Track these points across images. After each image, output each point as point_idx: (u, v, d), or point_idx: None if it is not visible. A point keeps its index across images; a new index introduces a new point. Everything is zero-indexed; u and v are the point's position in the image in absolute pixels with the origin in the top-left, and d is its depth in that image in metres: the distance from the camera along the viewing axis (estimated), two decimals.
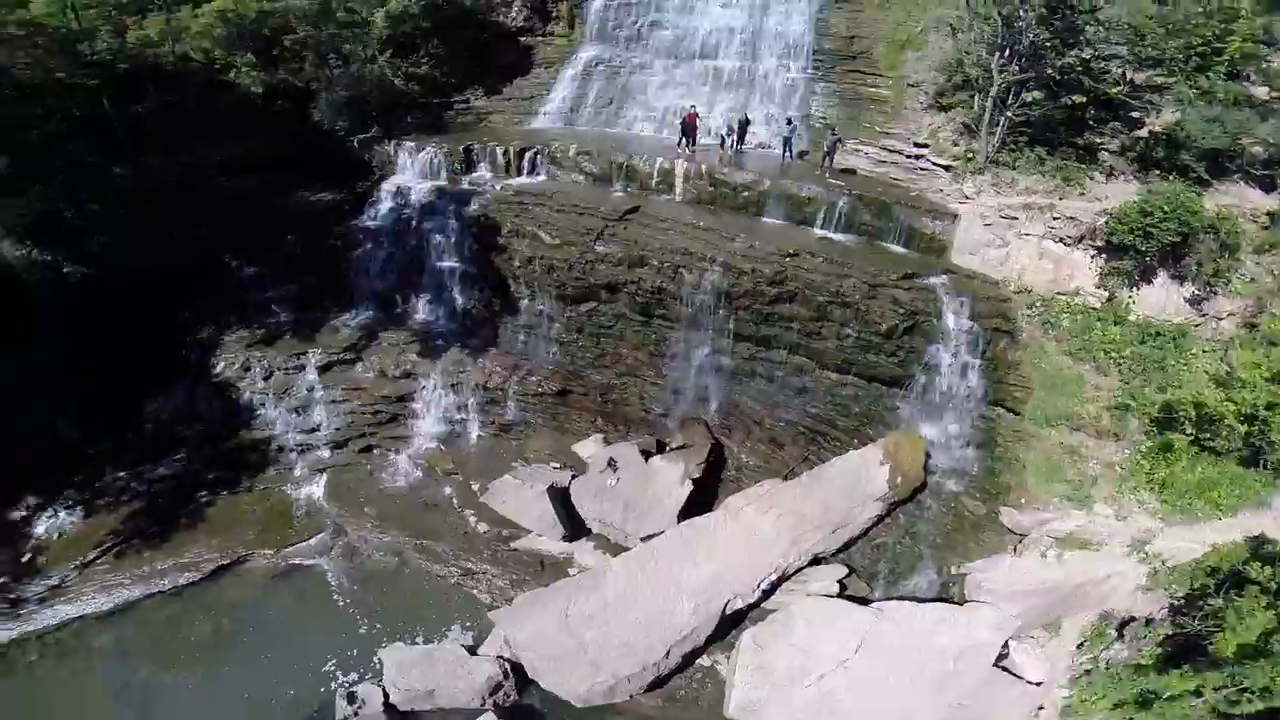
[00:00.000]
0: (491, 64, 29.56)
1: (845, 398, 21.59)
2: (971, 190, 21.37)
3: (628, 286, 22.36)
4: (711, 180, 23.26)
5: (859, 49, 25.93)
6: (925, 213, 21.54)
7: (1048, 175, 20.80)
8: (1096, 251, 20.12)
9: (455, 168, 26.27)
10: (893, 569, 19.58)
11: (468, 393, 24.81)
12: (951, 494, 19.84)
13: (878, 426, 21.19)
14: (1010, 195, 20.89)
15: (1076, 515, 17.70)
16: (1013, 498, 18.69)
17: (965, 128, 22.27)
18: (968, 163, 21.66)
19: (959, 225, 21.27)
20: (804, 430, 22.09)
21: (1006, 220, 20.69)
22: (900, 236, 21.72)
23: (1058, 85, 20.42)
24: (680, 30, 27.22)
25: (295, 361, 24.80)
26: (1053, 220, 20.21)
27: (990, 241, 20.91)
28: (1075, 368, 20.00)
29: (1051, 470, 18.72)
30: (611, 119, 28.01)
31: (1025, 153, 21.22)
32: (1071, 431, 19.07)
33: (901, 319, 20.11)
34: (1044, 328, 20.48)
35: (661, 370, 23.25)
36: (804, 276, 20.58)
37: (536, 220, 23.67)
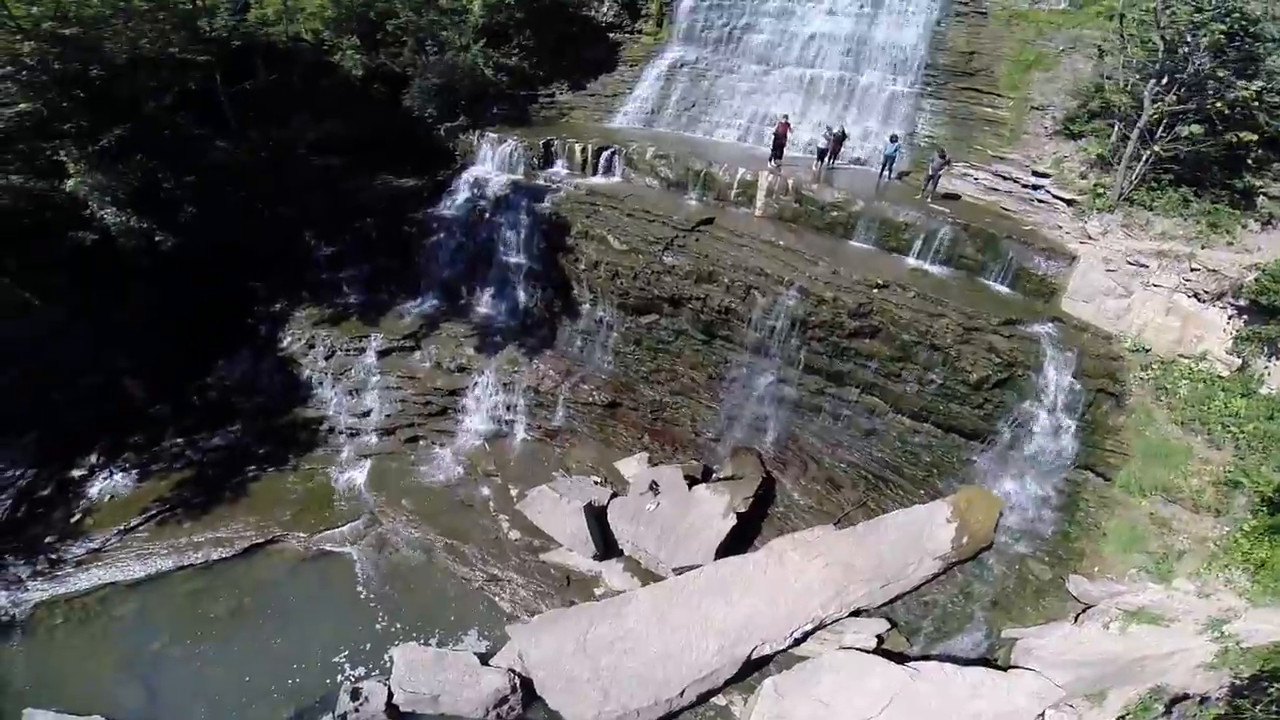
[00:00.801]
0: (578, 59, 28.93)
1: (916, 445, 19.43)
2: (1096, 230, 18.70)
3: (693, 302, 21.00)
4: (797, 196, 21.56)
5: (978, 65, 23.46)
6: (1039, 251, 19.04)
7: (1190, 219, 17.90)
8: (1236, 312, 17.09)
9: (533, 162, 25.71)
10: (939, 627, 17.91)
11: (518, 394, 24.16)
12: (1018, 556, 17.85)
13: (948, 479, 18.98)
14: (1142, 239, 18.12)
15: (1153, 589, 16.01)
16: (1085, 565, 16.88)
17: (1098, 159, 19.53)
18: (1096, 198, 18.98)
19: (1076, 268, 18.67)
20: (866, 474, 20.07)
21: (1134, 267, 17.94)
22: (1005, 275, 19.31)
23: (1223, 120, 17.42)
24: (776, 35, 25.57)
25: (357, 344, 24.94)
26: (1190, 271, 17.33)
27: (1110, 290, 18.19)
28: (1184, 438, 17.38)
29: (1134, 540, 16.73)
30: (693, 123, 26.76)
31: (1167, 192, 18.35)
32: (1166, 503, 16.84)
33: (996, 370, 17.81)
34: (1156, 393, 17.72)
35: (719, 394, 21.75)
36: (891, 312, 18.57)
37: (606, 224, 22.68)
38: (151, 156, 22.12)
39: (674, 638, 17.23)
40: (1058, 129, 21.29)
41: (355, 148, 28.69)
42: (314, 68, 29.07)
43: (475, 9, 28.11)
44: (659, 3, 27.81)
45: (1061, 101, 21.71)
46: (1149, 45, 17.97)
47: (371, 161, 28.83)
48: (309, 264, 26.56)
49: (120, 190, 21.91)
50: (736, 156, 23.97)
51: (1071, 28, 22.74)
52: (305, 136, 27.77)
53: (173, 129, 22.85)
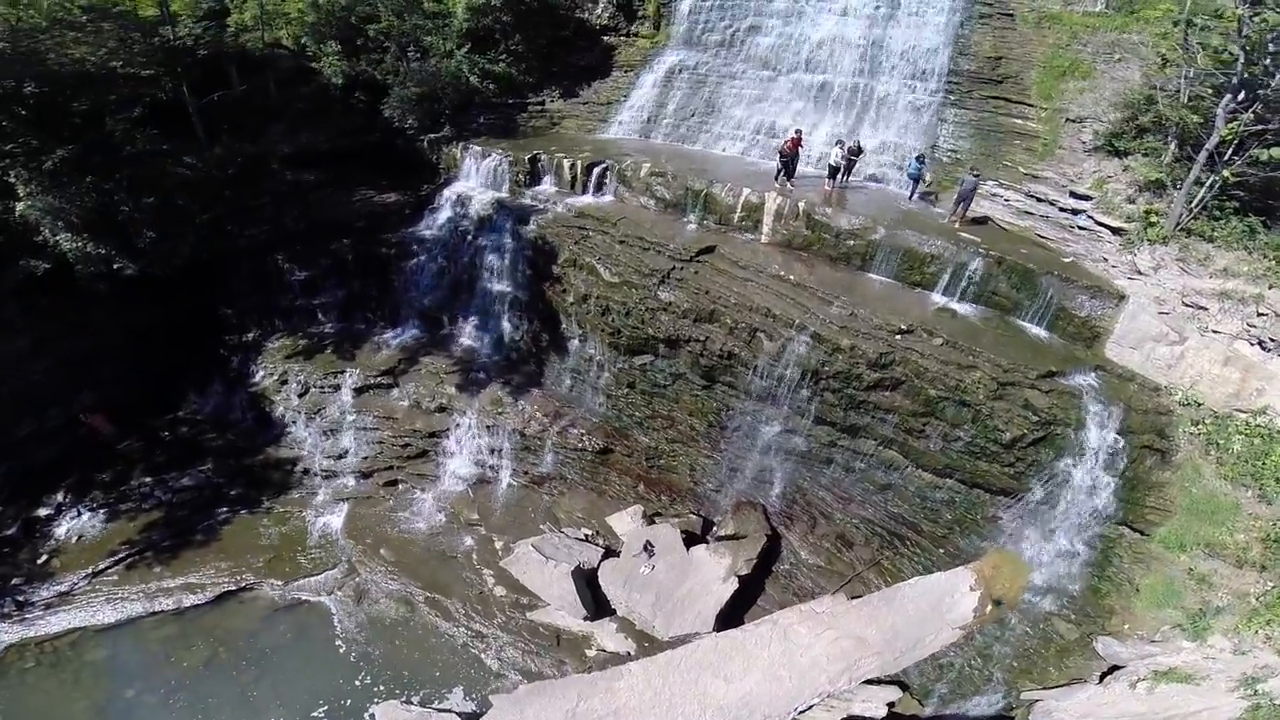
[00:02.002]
0: (570, 64, 26.64)
1: (937, 501, 17.28)
2: (1147, 264, 16.34)
3: (691, 344, 18.82)
4: (808, 222, 19.22)
5: (1005, 72, 20.93)
6: (1081, 289, 16.64)
7: (1258, 254, 15.47)
8: None
9: (519, 178, 23.52)
10: (954, 690, 16.52)
11: (503, 437, 22.18)
12: (1043, 614, 16.12)
13: (970, 537, 16.91)
14: (1201, 276, 15.75)
15: (1185, 648, 14.57)
16: (1114, 623, 15.37)
17: (1149, 183, 17.07)
18: (1148, 228, 16.57)
19: (1123, 310, 16.32)
20: (880, 531, 17.96)
21: (1190, 309, 15.59)
22: (1043, 316, 16.97)
23: None
24: (783, 38, 23.08)
25: (332, 380, 23.28)
26: (1256, 316, 14.96)
27: (1162, 335, 15.86)
28: (1233, 494, 15.53)
29: (1169, 596, 15.16)
30: (692, 134, 24.38)
31: (1231, 221, 15.89)
32: (1207, 558, 15.19)
33: (1032, 429, 15.61)
34: (1206, 448, 15.60)
35: (719, 443, 19.61)
36: (915, 363, 16.35)
37: (597, 251, 20.48)
38: (107, 176, 20.17)
39: (668, 717, 15.41)
40: (1099, 145, 18.77)
41: (333, 161, 26.75)
42: (292, 76, 27.10)
43: (459, 13, 25.87)
44: (656, 3, 25.42)
45: (1102, 113, 19.19)
46: (1224, 56, 15.45)
47: (350, 175, 26.85)
48: (282, 288, 24.67)
49: (74, 214, 20.14)
50: (740, 173, 21.66)
51: (1109, 31, 20.19)
52: (280, 149, 25.80)
53: (133, 145, 20.80)
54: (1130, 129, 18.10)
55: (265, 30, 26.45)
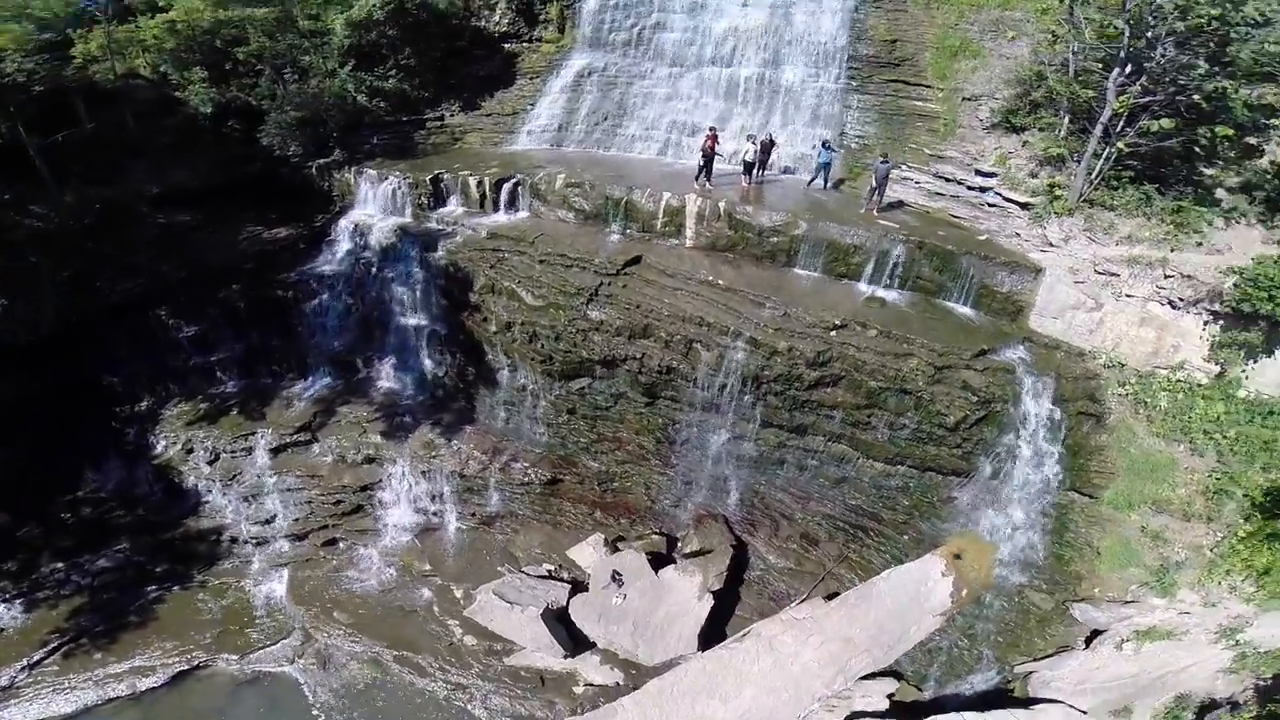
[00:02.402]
0: (469, 75, 25.00)
1: (892, 489, 17.26)
2: (1057, 236, 16.75)
3: (629, 363, 17.96)
4: (730, 222, 18.70)
5: (902, 55, 21.16)
6: (1000, 266, 16.94)
7: (1155, 219, 16.12)
8: (1212, 317, 15.53)
9: (421, 201, 21.85)
10: (947, 671, 16.57)
11: (442, 480, 20.66)
12: (1016, 587, 16.37)
13: (930, 520, 17.01)
14: (1107, 244, 16.27)
15: (1157, 606, 15.21)
16: (1084, 587, 15.74)
17: (1045, 156, 17.50)
18: (1053, 201, 16.96)
19: (1041, 283, 16.70)
20: (843, 525, 17.80)
21: (1103, 277, 16.09)
22: (967, 295, 17.18)
23: (1194, 112, 15.55)
24: (689, 33, 22.47)
25: (243, 443, 21.03)
26: (1164, 278, 15.60)
27: (1080, 303, 16.32)
28: (1167, 450, 16.30)
29: (1129, 555, 15.69)
30: (606, 139, 23.43)
31: (1128, 190, 16.48)
32: (1155, 514, 15.80)
33: (973, 409, 15.75)
34: (1135, 408, 16.25)
35: (670, 458, 18.91)
36: (853, 357, 16.16)
37: (515, 274, 19.24)
38: None
39: None
40: (996, 122, 19.22)
41: (210, 198, 23.98)
42: (153, 107, 24.11)
43: (338, 29, 23.80)
44: (559, 6, 24.20)
45: (995, 90, 19.67)
46: (1109, 30, 15.88)
47: (232, 213, 24.18)
48: (170, 347, 21.95)
49: None
50: (659, 176, 20.93)
51: (993, 9, 20.73)
52: (146, 190, 22.93)
53: None
54: (1024, 105, 18.57)
55: (117, 60, 23.46)
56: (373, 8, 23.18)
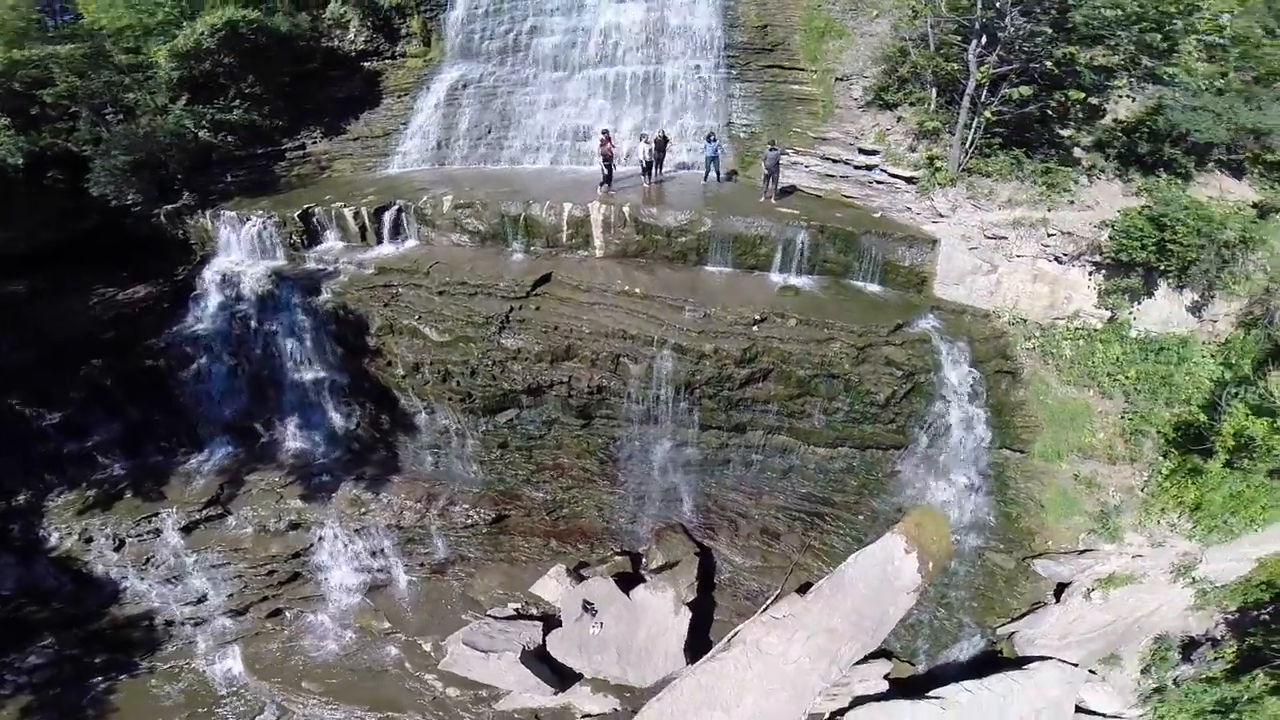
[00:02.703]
0: (328, 98, 22.71)
1: (838, 471, 17.44)
2: (945, 206, 17.39)
3: (555, 388, 16.95)
4: (637, 226, 17.99)
5: (774, 40, 21.25)
6: (898, 241, 17.36)
7: (1029, 181, 17.07)
8: (1095, 268, 16.71)
9: (293, 240, 19.62)
10: (934, 643, 17.32)
11: (379, 536, 18.88)
12: (975, 550, 17.06)
13: (880, 496, 17.39)
14: (991, 209, 17.06)
15: (1110, 552, 16.19)
16: (1038, 542, 16.52)
17: (921, 130, 18.10)
18: (935, 173, 17.58)
19: (939, 252, 17.31)
20: (799, 515, 17.83)
21: (993, 241, 16.89)
22: (873, 273, 17.52)
23: (1047, 78, 16.44)
24: (568, 35, 21.43)
25: (147, 526, 18.53)
26: (1047, 237, 16.58)
27: (977, 268, 17.09)
28: (1080, 396, 17.40)
29: (1069, 505, 16.58)
30: (493, 152, 22.00)
31: (1000, 156, 17.33)
32: (1083, 461, 16.82)
33: (899, 383, 16.10)
34: (1045, 359, 17.29)
35: (617, 477, 18.15)
36: (778, 349, 16.01)
37: (415, 309, 17.66)
38: None
39: None
40: (870, 100, 19.65)
41: (43, 262, 20.52)
42: None
43: (163, 62, 20.85)
44: (421, 18, 22.36)
45: (864, 69, 20.14)
46: (962, 2, 16.49)
47: (75, 275, 20.84)
48: (36, 437, 18.75)
49: None
50: (556, 187, 19.85)
51: None
52: None
53: None
54: (893, 82, 19.08)
55: None
56: (201, 36, 20.48)
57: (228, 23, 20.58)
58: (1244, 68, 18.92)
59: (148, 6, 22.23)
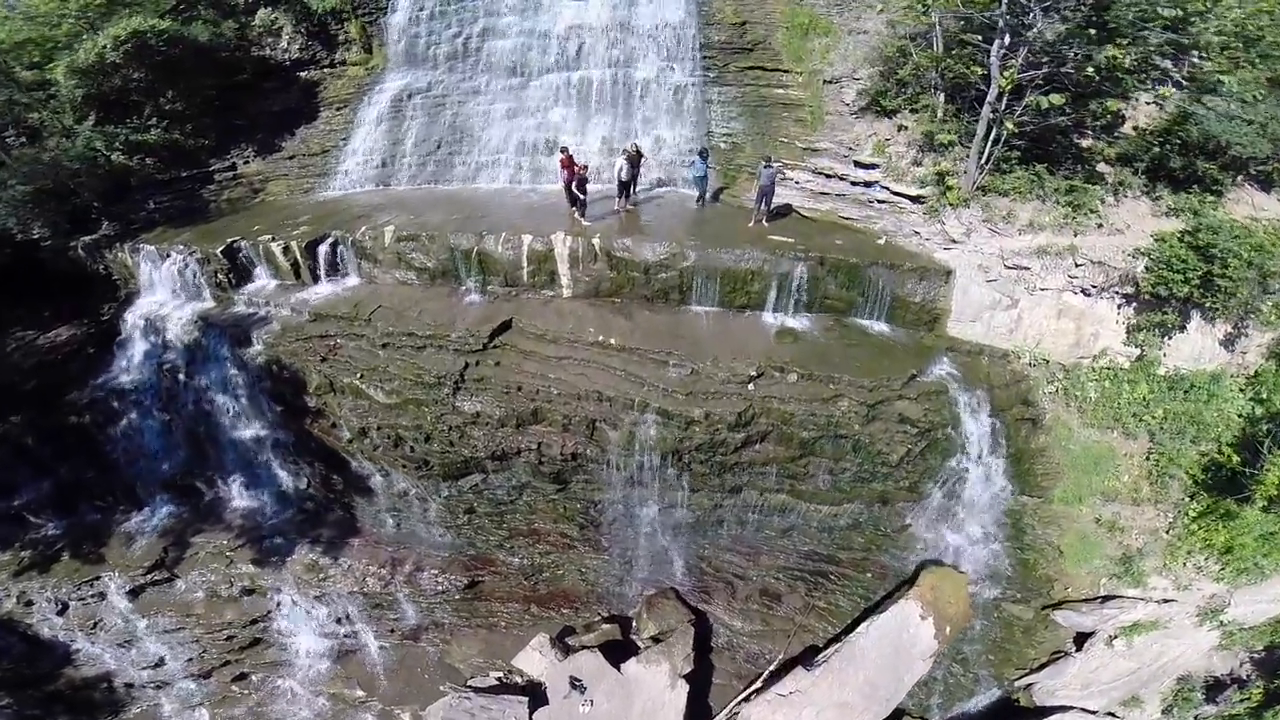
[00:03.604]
0: (261, 112, 18.06)
1: (844, 528, 14.06)
2: (958, 230, 13.68)
3: (524, 455, 13.17)
4: (610, 261, 13.99)
5: (754, 38, 17.01)
6: (908, 273, 13.65)
7: (1050, 201, 13.39)
8: (1124, 300, 13.25)
9: (220, 279, 15.36)
10: (948, 699, 14.71)
11: (343, 602, 15.22)
12: (992, 601, 14.19)
13: (889, 551, 14.16)
14: (1010, 234, 13.42)
15: (1135, 599, 13.65)
16: (1057, 589, 13.77)
17: (928, 141, 14.22)
18: (946, 191, 13.79)
19: (954, 286, 13.66)
20: (802, 574, 14.50)
21: (1014, 272, 13.30)
22: (879, 310, 13.85)
23: (1081, 86, 12.58)
24: (525, 36, 16.97)
25: (90, 589, 14.99)
26: (1075, 267, 12.98)
27: (995, 303, 13.51)
28: (1103, 439, 14.29)
29: (1089, 549, 13.82)
30: (444, 170, 17.62)
31: (1017, 172, 13.58)
32: (1105, 504, 13.91)
33: (914, 441, 12.68)
34: (1067, 402, 14.03)
35: (600, 541, 14.54)
36: (778, 410, 12.45)
37: (355, 366, 13.63)
38: None
39: None
40: (864, 105, 15.73)
41: None
42: None
43: (61, 79, 16.15)
44: (359, 23, 17.66)
45: (855, 70, 16.15)
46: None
47: None
48: None
49: None
50: (516, 210, 15.77)
51: None
52: None
53: None
54: (891, 85, 15.10)
55: None
56: (103, 50, 15.80)
57: (133, 34, 15.97)
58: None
59: (50, 19, 17.37)
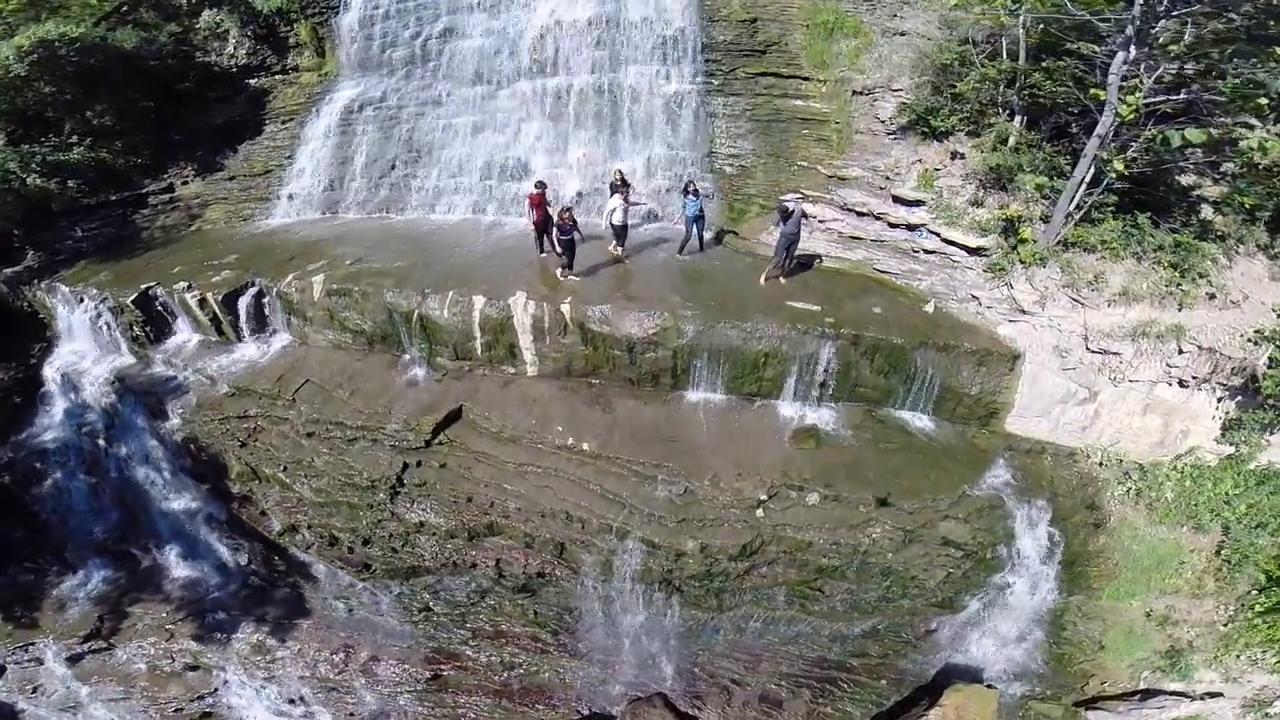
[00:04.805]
0: (204, 125, 13.52)
1: (859, 637, 10.22)
2: (1030, 297, 9.27)
3: (480, 567, 9.31)
4: (584, 335, 9.71)
5: (766, 38, 12.19)
6: (965, 357, 9.28)
7: (1149, 261, 8.91)
8: (1229, 393, 8.99)
9: (136, 333, 11.26)
10: None
11: (295, 685, 11.73)
12: (1019, 701, 10.48)
13: (909, 657, 10.28)
14: (1098, 305, 9.03)
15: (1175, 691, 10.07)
16: (1092, 685, 10.28)
17: (992, 174, 9.61)
18: (1019, 245, 9.28)
19: (1021, 374, 9.32)
20: (807, 681, 10.73)
21: (1100, 357, 8.97)
22: (924, 400, 9.58)
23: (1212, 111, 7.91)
24: (494, 37, 12.23)
25: (25, 653, 11.64)
26: (1178, 354, 8.61)
27: (1070, 395, 9.25)
28: (1171, 536, 10.19)
29: (1133, 643, 10.30)
30: (398, 196, 13.07)
31: (1110, 221, 9.03)
32: (1160, 597, 10.25)
33: (957, 564, 8.77)
34: (1136, 501, 9.87)
35: (578, 649, 10.79)
36: (792, 538, 8.55)
37: (277, 455, 9.76)
38: None
39: None
40: (906, 123, 11.08)
41: None
42: None
43: None
44: (309, 24, 12.89)
45: (890, 80, 11.40)
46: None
47: None
48: None
49: None
50: (479, 251, 11.39)
51: None
52: None
53: None
54: (945, 101, 10.38)
55: None
56: (5, 62, 11.25)
57: (39, 42, 11.48)
58: None
59: None
